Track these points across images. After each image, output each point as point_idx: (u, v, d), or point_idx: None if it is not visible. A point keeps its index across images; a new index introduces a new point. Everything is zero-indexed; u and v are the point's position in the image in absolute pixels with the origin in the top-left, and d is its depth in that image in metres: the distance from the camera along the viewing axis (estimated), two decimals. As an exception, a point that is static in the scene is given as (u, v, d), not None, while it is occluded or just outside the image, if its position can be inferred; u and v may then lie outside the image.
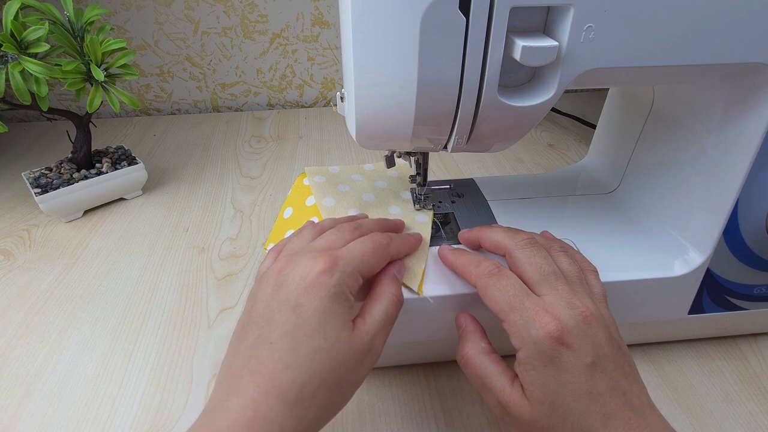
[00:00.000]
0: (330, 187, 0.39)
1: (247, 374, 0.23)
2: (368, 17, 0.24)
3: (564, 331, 0.24)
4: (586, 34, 0.25)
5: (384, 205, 0.38)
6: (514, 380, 0.26)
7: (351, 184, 0.40)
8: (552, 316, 0.24)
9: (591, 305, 0.26)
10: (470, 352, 0.28)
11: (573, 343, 0.24)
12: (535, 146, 0.72)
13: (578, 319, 0.25)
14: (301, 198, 0.39)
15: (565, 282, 0.27)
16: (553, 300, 0.25)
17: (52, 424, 0.34)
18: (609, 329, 0.26)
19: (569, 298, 0.26)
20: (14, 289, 0.46)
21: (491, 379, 0.26)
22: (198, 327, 0.42)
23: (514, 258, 0.28)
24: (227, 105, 0.89)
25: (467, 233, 0.33)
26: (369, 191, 0.39)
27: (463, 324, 0.30)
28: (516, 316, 0.25)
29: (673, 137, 0.36)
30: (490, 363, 0.27)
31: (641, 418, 0.24)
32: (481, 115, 0.27)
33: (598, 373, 0.24)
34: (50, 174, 0.55)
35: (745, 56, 0.27)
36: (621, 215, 0.39)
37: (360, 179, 0.41)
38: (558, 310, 0.25)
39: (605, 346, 0.25)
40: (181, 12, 0.79)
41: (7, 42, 0.43)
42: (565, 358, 0.24)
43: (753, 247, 0.34)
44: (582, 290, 0.27)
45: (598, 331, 0.25)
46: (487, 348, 0.28)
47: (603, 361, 0.24)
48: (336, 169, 0.42)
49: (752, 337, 0.40)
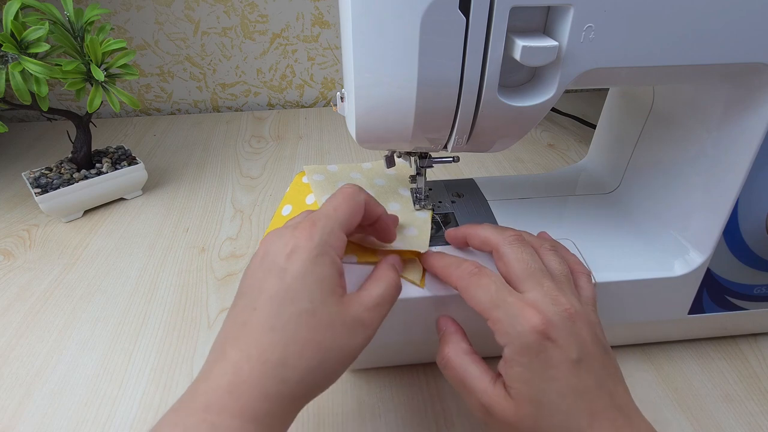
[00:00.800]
0: (329, 185, 0.39)
1: (232, 341, 0.23)
2: (368, 17, 0.24)
3: (549, 325, 0.24)
4: (586, 34, 0.25)
5: (383, 201, 0.38)
6: (496, 380, 0.25)
7: (350, 182, 0.40)
8: (536, 311, 0.24)
9: (576, 304, 0.26)
10: (450, 353, 0.27)
11: (558, 338, 0.24)
12: (535, 146, 0.72)
13: (563, 315, 0.24)
14: (301, 196, 0.39)
15: (551, 279, 0.26)
16: (538, 296, 0.25)
17: (52, 424, 0.34)
18: (594, 329, 0.26)
19: (554, 295, 0.25)
20: (14, 289, 0.46)
21: (472, 380, 0.26)
22: (198, 327, 0.42)
23: (501, 253, 0.28)
24: (227, 105, 0.89)
25: (454, 231, 0.33)
26: (368, 189, 0.39)
27: (443, 326, 0.29)
28: (500, 312, 0.25)
29: (673, 137, 0.36)
30: (471, 363, 0.26)
31: (627, 418, 0.24)
32: (481, 115, 0.27)
33: (583, 370, 0.24)
34: (50, 174, 0.55)
35: (745, 56, 0.27)
36: (621, 215, 0.39)
37: (359, 177, 0.41)
38: (542, 305, 0.25)
39: (590, 344, 0.25)
40: (181, 12, 0.79)
41: (7, 42, 0.43)
42: (551, 352, 0.24)
43: (753, 247, 0.34)
44: (568, 289, 0.27)
45: (582, 329, 0.25)
46: (467, 348, 0.27)
47: (589, 359, 0.24)
48: (334, 167, 0.42)
49: (752, 337, 0.40)
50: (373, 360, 0.38)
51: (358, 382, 0.37)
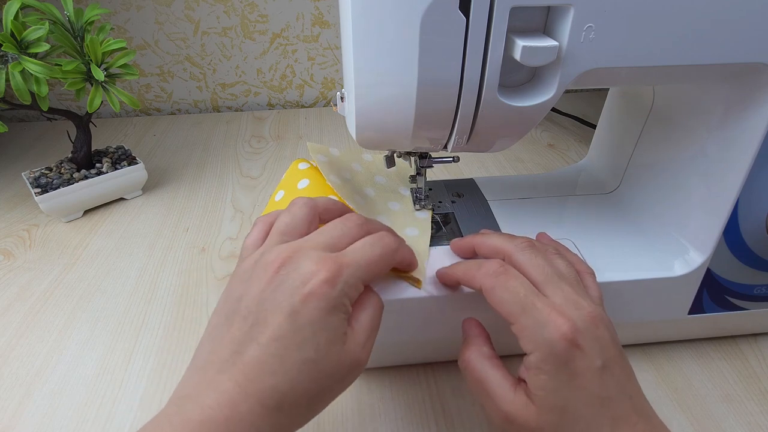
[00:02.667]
0: (334, 168, 0.38)
1: (228, 370, 0.22)
2: (368, 17, 0.24)
3: (577, 332, 0.23)
4: (586, 34, 0.25)
5: (383, 200, 0.38)
6: (516, 386, 0.25)
7: (352, 174, 0.40)
8: (565, 318, 0.24)
9: (593, 306, 0.25)
10: (471, 356, 0.27)
11: (584, 345, 0.23)
12: (535, 146, 0.72)
13: (586, 320, 0.24)
14: (294, 181, 0.38)
15: (567, 283, 0.26)
16: (561, 301, 0.25)
17: (52, 424, 0.34)
18: (611, 330, 0.26)
19: (575, 298, 0.25)
20: (14, 289, 0.46)
21: (492, 385, 0.25)
22: (198, 327, 0.42)
23: (515, 260, 0.28)
24: (227, 105, 0.89)
25: (460, 241, 0.33)
26: (369, 186, 0.39)
27: (468, 329, 0.29)
28: (528, 318, 0.24)
29: (673, 137, 0.36)
30: (492, 368, 0.26)
31: (647, 422, 0.24)
32: (481, 115, 0.27)
33: (607, 377, 0.24)
34: (50, 174, 0.55)
35: (745, 56, 0.27)
36: (621, 215, 0.39)
37: (360, 170, 0.40)
38: (569, 311, 0.24)
39: (611, 347, 0.24)
40: (181, 12, 0.79)
41: (7, 42, 0.43)
42: (578, 362, 0.23)
43: (753, 247, 0.34)
44: (582, 291, 0.27)
45: (604, 332, 0.24)
46: (489, 353, 0.27)
47: (611, 364, 0.24)
48: (336, 151, 0.41)
49: (752, 337, 0.40)
50: (373, 360, 0.37)
51: (358, 382, 0.37)
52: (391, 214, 0.37)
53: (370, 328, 0.25)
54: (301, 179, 0.38)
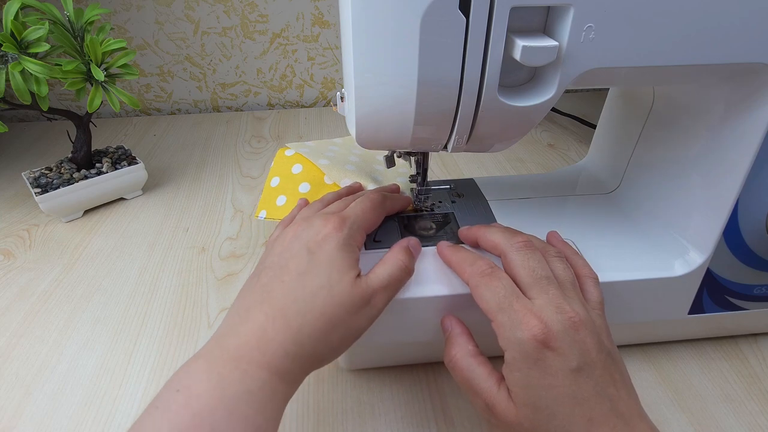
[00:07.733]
0: (317, 154, 0.44)
1: (257, 305, 0.26)
2: (368, 17, 0.24)
3: (549, 334, 0.24)
4: (586, 34, 0.25)
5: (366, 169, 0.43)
6: (500, 382, 0.26)
7: (331, 154, 0.45)
8: (539, 320, 0.25)
9: (581, 311, 0.26)
10: (457, 354, 0.28)
11: (559, 347, 0.24)
12: (535, 146, 0.72)
13: (566, 324, 0.25)
14: (287, 166, 0.43)
15: (557, 287, 0.27)
16: (543, 303, 0.25)
17: (52, 424, 0.34)
18: (599, 336, 0.26)
19: (559, 302, 0.26)
20: (14, 289, 0.46)
21: (478, 382, 0.26)
22: (198, 327, 0.42)
23: (509, 260, 0.28)
24: (227, 105, 0.89)
25: (467, 231, 0.33)
26: (345, 163, 0.44)
27: (449, 327, 0.30)
28: (504, 317, 0.26)
29: (673, 137, 0.36)
30: (477, 365, 0.27)
31: (627, 425, 0.24)
32: (481, 115, 0.27)
33: (583, 378, 0.24)
34: (50, 174, 0.55)
35: (745, 56, 0.27)
36: (621, 215, 0.39)
37: (336, 149, 0.46)
38: (546, 314, 0.25)
39: (593, 352, 0.25)
40: (181, 12, 0.79)
41: (7, 42, 0.43)
42: (550, 361, 0.24)
43: (753, 247, 0.34)
44: (574, 296, 0.27)
45: (586, 336, 0.25)
46: (474, 350, 0.28)
47: (589, 367, 0.24)
48: (311, 143, 0.47)
49: (752, 337, 0.40)
50: (373, 360, 0.38)
51: (358, 382, 0.37)
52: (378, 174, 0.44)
53: (386, 279, 0.28)
54: (293, 164, 0.43)
